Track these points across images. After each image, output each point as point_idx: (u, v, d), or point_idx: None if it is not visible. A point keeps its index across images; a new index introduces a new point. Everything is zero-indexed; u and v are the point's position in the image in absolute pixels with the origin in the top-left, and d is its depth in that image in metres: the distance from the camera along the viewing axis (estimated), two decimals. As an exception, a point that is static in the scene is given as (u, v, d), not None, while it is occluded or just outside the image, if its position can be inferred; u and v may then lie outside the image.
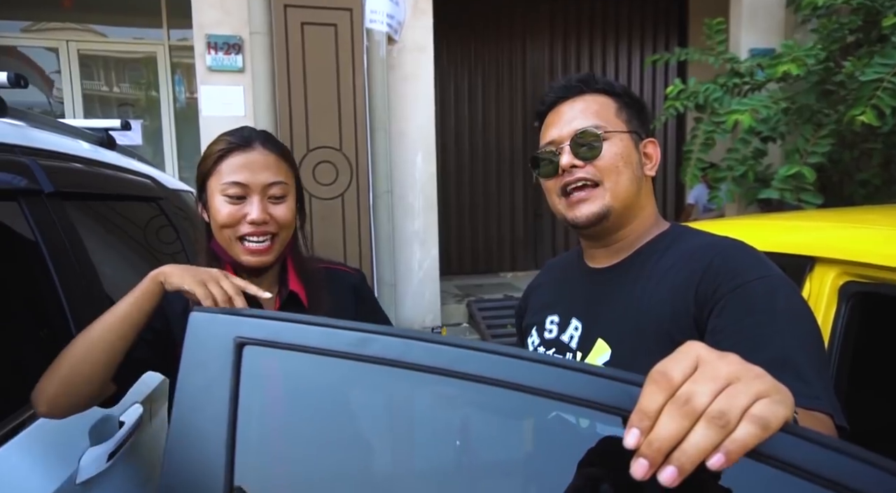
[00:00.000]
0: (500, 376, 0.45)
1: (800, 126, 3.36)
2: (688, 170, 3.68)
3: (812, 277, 1.12)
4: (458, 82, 5.78)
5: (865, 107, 2.68)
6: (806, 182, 3.14)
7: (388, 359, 0.48)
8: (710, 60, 3.92)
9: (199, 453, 0.50)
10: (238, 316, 0.54)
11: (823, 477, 0.37)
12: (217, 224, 0.94)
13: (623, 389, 0.43)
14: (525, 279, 5.75)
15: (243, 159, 0.94)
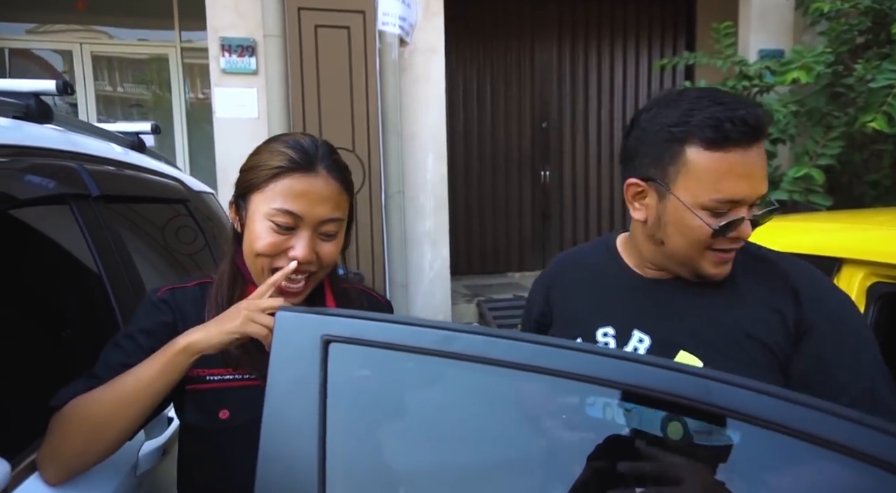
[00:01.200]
0: (577, 370, 0.48)
1: (809, 128, 3.39)
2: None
3: (839, 278, 1.15)
4: (468, 83, 5.82)
5: (877, 113, 2.71)
6: (815, 184, 3.16)
7: (472, 355, 0.51)
8: (719, 64, 3.94)
9: (292, 446, 0.53)
10: (323, 315, 0.57)
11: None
12: (253, 250, 0.82)
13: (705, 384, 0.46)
14: (532, 279, 5.78)
15: (303, 185, 0.80)
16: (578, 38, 5.93)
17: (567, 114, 5.96)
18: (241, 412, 0.78)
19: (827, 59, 3.22)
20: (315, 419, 0.53)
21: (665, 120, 0.81)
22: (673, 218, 0.81)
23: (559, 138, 5.97)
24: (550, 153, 5.97)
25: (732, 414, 0.45)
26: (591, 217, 6.09)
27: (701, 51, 4.47)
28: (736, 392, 0.45)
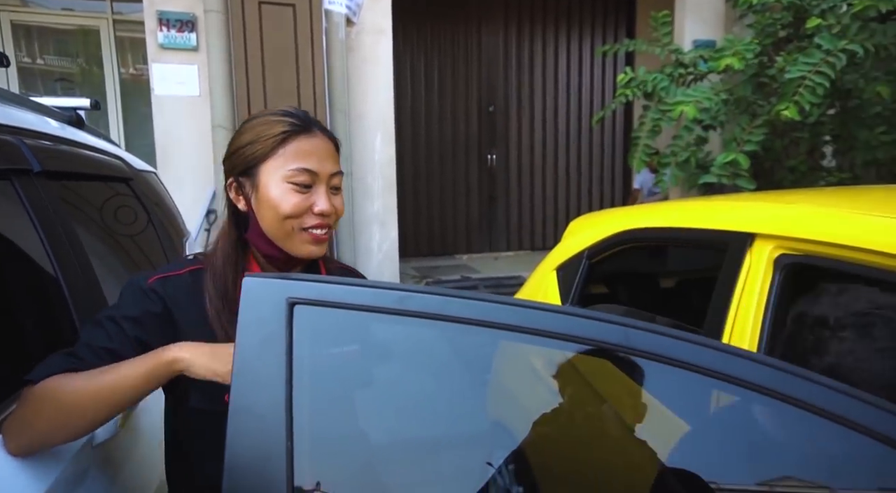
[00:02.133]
0: (521, 324, 0.55)
1: (737, 116, 3.61)
2: (635, 155, 3.88)
3: (752, 251, 1.28)
4: (415, 66, 5.82)
5: (790, 103, 2.92)
6: (741, 169, 3.39)
7: (427, 313, 0.57)
8: (657, 51, 4.12)
9: (260, 406, 0.58)
10: (288, 280, 0.61)
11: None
12: (280, 214, 0.85)
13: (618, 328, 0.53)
14: (480, 261, 5.90)
15: (310, 145, 0.86)
16: (524, 23, 6.02)
17: (513, 98, 6.07)
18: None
19: (754, 50, 3.43)
20: (282, 374, 0.58)
21: None
22: None
23: (505, 122, 6.08)
24: (497, 137, 6.08)
25: (649, 356, 0.53)
26: (536, 200, 6.26)
27: (641, 38, 4.65)
28: (650, 337, 0.53)
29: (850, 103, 3.36)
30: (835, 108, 3.46)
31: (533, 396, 1.99)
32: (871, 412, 0.48)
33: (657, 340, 0.53)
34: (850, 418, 0.47)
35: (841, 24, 2.97)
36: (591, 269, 1.92)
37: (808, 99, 2.91)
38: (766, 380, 0.51)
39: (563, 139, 6.20)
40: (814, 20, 3.07)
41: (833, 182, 3.57)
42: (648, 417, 1.42)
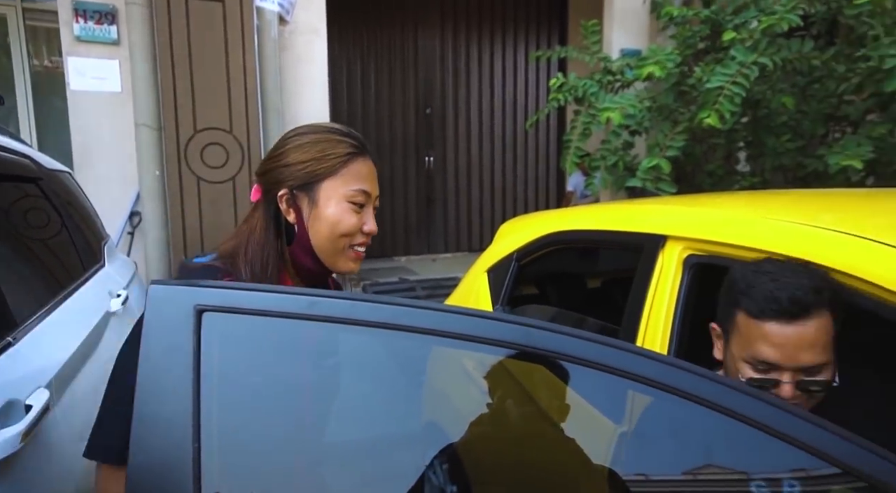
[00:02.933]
0: (430, 327, 0.57)
1: (660, 123, 3.80)
2: (567, 158, 4.01)
3: (664, 252, 1.36)
4: (352, 67, 5.77)
5: (710, 111, 3.11)
6: (663, 173, 3.57)
7: (336, 317, 0.58)
8: (587, 59, 4.27)
9: (165, 415, 0.57)
10: (196, 287, 0.61)
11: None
12: (337, 232, 0.89)
13: (525, 330, 0.56)
14: (419, 263, 5.92)
15: (367, 167, 0.92)
16: (460, 26, 6.09)
17: (450, 100, 6.12)
18: None
19: (675, 60, 3.62)
20: (189, 383, 0.57)
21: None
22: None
23: (443, 124, 6.13)
24: (434, 139, 6.12)
25: (550, 353, 0.56)
26: (474, 201, 6.34)
27: (572, 45, 4.81)
28: (549, 335, 0.56)
29: (760, 113, 3.60)
30: (747, 116, 3.70)
31: (465, 396, 2.02)
32: (748, 401, 0.53)
33: (556, 339, 0.56)
34: (721, 404, 0.51)
35: (753, 39, 3.18)
36: (520, 270, 1.97)
37: (727, 107, 3.10)
38: (657, 374, 0.55)
39: (500, 142, 6.32)
40: (729, 33, 3.27)
41: (746, 185, 3.82)
42: (573, 414, 1.48)
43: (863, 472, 0.47)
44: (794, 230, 1.13)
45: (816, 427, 0.51)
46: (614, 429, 1.30)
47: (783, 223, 1.20)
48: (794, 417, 0.49)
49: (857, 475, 0.47)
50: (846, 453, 0.48)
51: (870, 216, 1.35)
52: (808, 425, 0.51)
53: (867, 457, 0.47)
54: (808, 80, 3.41)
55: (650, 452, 1.28)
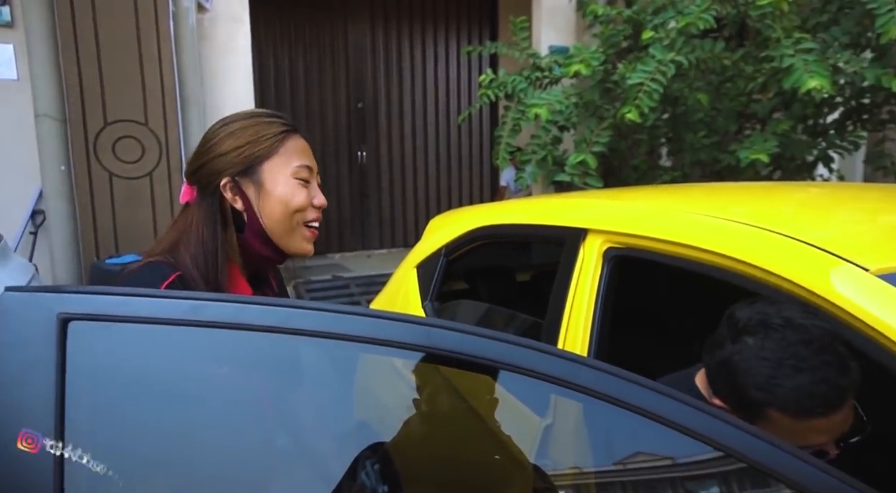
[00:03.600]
0: (325, 329, 0.53)
1: (586, 119, 3.90)
2: (499, 153, 4.05)
3: (585, 245, 1.38)
4: (279, 59, 5.57)
5: (631, 106, 3.21)
6: (590, 168, 3.66)
7: (223, 322, 0.53)
8: (516, 55, 4.32)
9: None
10: (59, 293, 0.54)
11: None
12: (290, 208, 0.90)
13: (427, 331, 0.54)
14: (353, 260, 5.82)
15: (302, 143, 0.93)
16: (391, 19, 6.02)
17: (382, 94, 6.04)
18: None
19: (600, 58, 3.72)
20: (52, 403, 0.51)
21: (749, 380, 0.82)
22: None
23: (375, 118, 6.04)
24: (367, 133, 6.02)
25: (450, 353, 0.54)
26: (409, 196, 6.30)
27: (502, 41, 4.85)
28: (450, 335, 0.54)
29: (679, 110, 3.76)
30: (667, 113, 3.86)
31: (395, 395, 1.98)
32: (643, 393, 0.52)
33: (459, 338, 0.54)
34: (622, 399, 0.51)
35: (670, 38, 3.31)
36: (449, 266, 1.96)
37: (646, 103, 3.21)
38: (559, 371, 0.54)
39: (433, 136, 6.31)
40: (648, 33, 3.39)
41: (668, 179, 3.99)
42: (500, 409, 1.48)
43: (746, 456, 0.48)
44: (707, 223, 1.17)
45: (722, 421, 0.51)
46: (539, 422, 1.31)
47: (697, 216, 1.24)
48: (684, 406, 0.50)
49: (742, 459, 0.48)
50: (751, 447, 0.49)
51: (774, 208, 1.42)
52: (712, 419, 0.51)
53: (752, 441, 0.48)
54: (721, 79, 3.59)
55: (571, 444, 1.29)
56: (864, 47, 3.17)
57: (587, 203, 1.58)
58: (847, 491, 0.46)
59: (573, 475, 1.22)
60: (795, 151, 3.29)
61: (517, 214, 1.78)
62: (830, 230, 1.13)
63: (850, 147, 3.48)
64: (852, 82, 3.11)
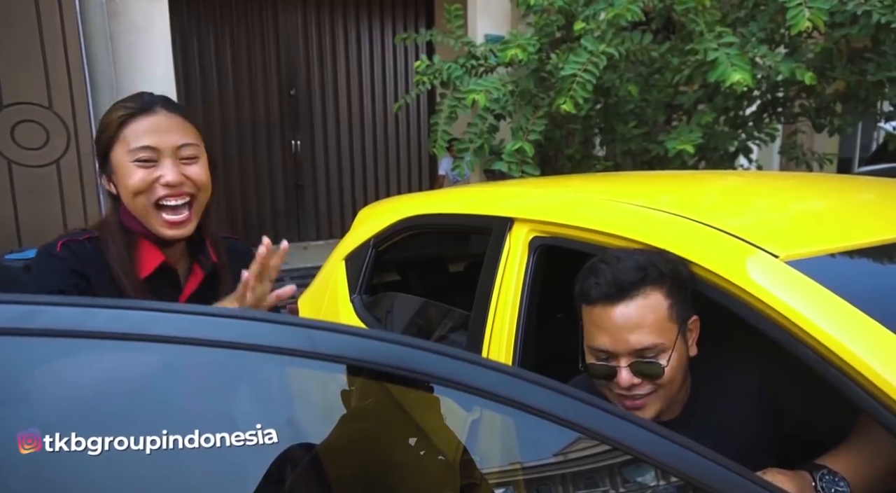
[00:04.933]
0: (189, 335, 0.47)
1: (522, 107, 3.90)
2: (435, 141, 3.99)
3: (511, 234, 1.35)
4: (203, 41, 5.27)
5: (566, 97, 3.24)
6: (527, 156, 3.67)
7: (63, 330, 0.46)
8: (451, 43, 4.27)
9: None
10: None
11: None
12: (130, 191, 0.92)
13: (307, 333, 0.48)
14: (289, 252, 5.62)
15: (148, 123, 0.92)
16: (324, 3, 5.82)
17: (316, 81, 5.85)
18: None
19: (535, 45, 3.72)
20: None
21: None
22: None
23: (309, 106, 5.84)
24: (301, 121, 5.82)
25: (335, 359, 0.48)
26: (346, 187, 6.16)
27: (438, 30, 4.77)
28: (337, 338, 0.48)
29: (611, 100, 3.83)
30: (600, 104, 3.92)
31: (324, 399, 1.89)
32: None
33: (345, 340, 0.48)
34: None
35: (601, 30, 3.35)
36: (378, 257, 1.90)
37: (580, 94, 3.24)
38: (444, 370, 0.49)
39: (370, 125, 6.18)
40: (580, 24, 3.41)
41: (601, 169, 4.06)
42: (426, 404, 1.44)
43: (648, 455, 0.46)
44: (628, 211, 1.16)
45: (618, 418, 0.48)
46: (465, 417, 1.28)
47: (619, 205, 1.23)
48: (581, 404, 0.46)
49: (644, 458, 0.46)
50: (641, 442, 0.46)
51: (694, 196, 1.44)
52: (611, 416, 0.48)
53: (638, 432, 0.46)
54: (650, 71, 3.67)
55: (498, 438, 1.26)
56: (777, 43, 3.32)
57: (514, 192, 1.55)
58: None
59: (500, 469, 1.20)
60: (718, 142, 3.42)
61: (446, 203, 1.74)
62: (745, 218, 1.15)
63: (767, 139, 3.65)
64: (768, 76, 3.25)
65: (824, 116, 3.56)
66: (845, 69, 3.20)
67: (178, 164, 0.93)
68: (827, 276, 0.82)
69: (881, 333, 0.73)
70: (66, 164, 3.26)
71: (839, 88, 3.46)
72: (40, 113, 3.16)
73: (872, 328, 0.73)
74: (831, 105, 3.51)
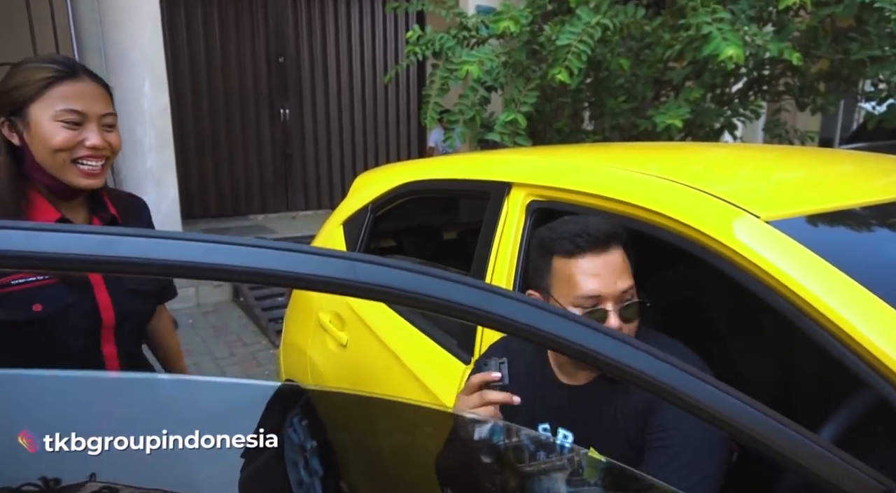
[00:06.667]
0: (244, 265, 0.52)
1: (514, 79, 3.93)
2: (426, 113, 4.01)
3: (509, 198, 1.41)
4: (191, 7, 5.18)
5: (561, 67, 3.27)
6: (520, 128, 3.71)
7: (134, 257, 0.51)
8: (443, 13, 4.25)
9: None
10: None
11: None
12: (50, 148, 0.99)
13: (350, 264, 0.54)
14: (277, 222, 5.64)
15: (76, 89, 1.00)
16: (314, -31, 5.72)
17: (304, 50, 5.78)
18: (50, 305, 1.03)
19: (528, 16, 3.73)
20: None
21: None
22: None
23: (298, 75, 5.79)
24: (289, 90, 5.77)
25: (377, 288, 0.54)
26: (334, 156, 6.15)
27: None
28: (378, 269, 0.54)
29: (601, 74, 3.87)
30: (590, 77, 3.96)
31: (321, 349, 1.97)
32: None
33: (384, 272, 0.54)
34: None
35: (596, 1, 3.37)
36: (375, 222, 1.95)
37: (575, 64, 3.28)
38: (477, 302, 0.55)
39: (359, 95, 6.14)
40: (574, -4, 3.43)
41: (590, 143, 4.12)
42: (425, 356, 1.51)
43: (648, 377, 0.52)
44: (623, 176, 1.23)
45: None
46: (463, 369, 1.36)
47: (614, 170, 1.30)
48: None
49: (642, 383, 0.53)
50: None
51: (684, 165, 1.52)
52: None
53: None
54: (641, 46, 3.71)
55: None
56: (766, 21, 3.38)
57: (512, 158, 1.61)
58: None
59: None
60: (705, 118, 3.49)
61: (444, 169, 1.79)
62: (731, 184, 1.22)
63: (752, 116, 3.73)
64: (755, 54, 3.31)
65: (807, 95, 3.64)
66: (829, 48, 3.28)
67: (102, 130, 1.02)
68: (804, 235, 0.89)
69: (849, 284, 0.81)
70: (54, 127, 3.24)
71: (823, 68, 3.54)
72: (28, 75, 3.11)
73: (842, 280, 0.82)
74: (815, 84, 3.59)
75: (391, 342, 1.60)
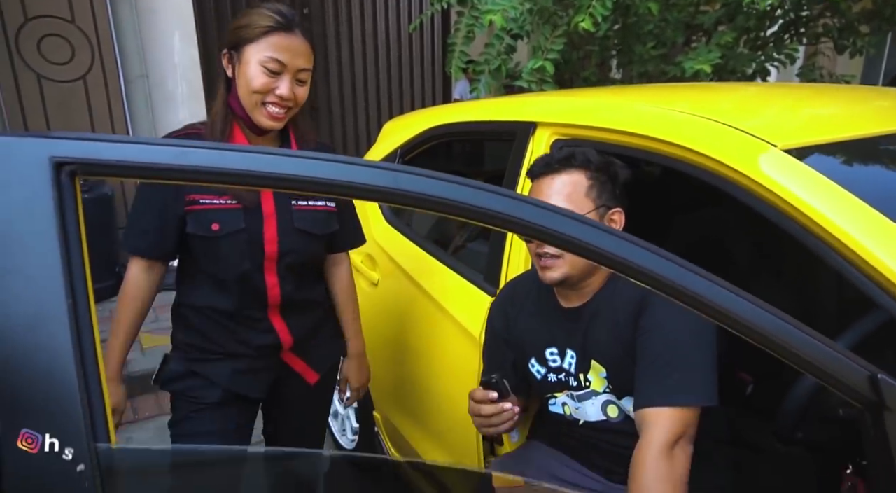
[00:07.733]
0: (306, 175, 0.59)
1: (540, 26, 3.86)
2: (452, 61, 3.99)
3: (534, 137, 1.45)
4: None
5: (585, 14, 3.20)
6: (547, 75, 3.67)
7: (207, 168, 0.59)
8: (469, -42, 4.15)
9: (30, 268, 0.55)
10: (50, 138, 0.57)
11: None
12: (249, 88, 1.12)
13: (393, 174, 0.60)
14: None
15: (286, 41, 1.11)
16: (337, -86, 5.59)
17: (329, 1, 5.72)
18: (225, 226, 1.16)
19: (554, -38, 3.63)
20: (53, 234, 0.55)
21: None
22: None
23: (323, 25, 5.74)
24: (315, 41, 5.73)
25: (420, 197, 0.61)
26: (360, 109, 6.16)
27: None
28: (419, 180, 0.61)
29: (629, 20, 3.77)
30: (618, 24, 3.86)
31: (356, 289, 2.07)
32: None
33: (425, 182, 0.61)
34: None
35: (623, -58, 3.26)
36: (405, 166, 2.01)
37: (599, 11, 3.21)
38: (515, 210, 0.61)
39: (384, 45, 6.08)
40: (601, -64, 3.31)
41: (617, 92, 4.06)
42: (452, 292, 1.60)
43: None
44: (647, 112, 1.25)
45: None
46: (489, 302, 1.44)
47: (639, 106, 1.32)
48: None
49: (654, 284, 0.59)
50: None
51: (713, 103, 1.53)
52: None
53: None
54: (671, -11, 3.59)
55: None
56: (806, -45, 3.23)
57: (537, 100, 1.64)
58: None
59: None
60: (737, 63, 3.40)
61: (470, 112, 1.82)
62: (754, 119, 1.24)
63: (786, 60, 3.62)
64: (794, -8, 3.19)
65: (847, 37, 3.50)
66: (873, -14, 3.14)
67: (294, 83, 1.14)
68: (818, 162, 0.93)
69: (860, 206, 0.85)
70: (92, 79, 3.33)
71: (865, 6, 3.39)
72: (63, 27, 3.19)
73: (852, 202, 0.86)
74: (855, 24, 3.45)
75: (420, 278, 1.69)
